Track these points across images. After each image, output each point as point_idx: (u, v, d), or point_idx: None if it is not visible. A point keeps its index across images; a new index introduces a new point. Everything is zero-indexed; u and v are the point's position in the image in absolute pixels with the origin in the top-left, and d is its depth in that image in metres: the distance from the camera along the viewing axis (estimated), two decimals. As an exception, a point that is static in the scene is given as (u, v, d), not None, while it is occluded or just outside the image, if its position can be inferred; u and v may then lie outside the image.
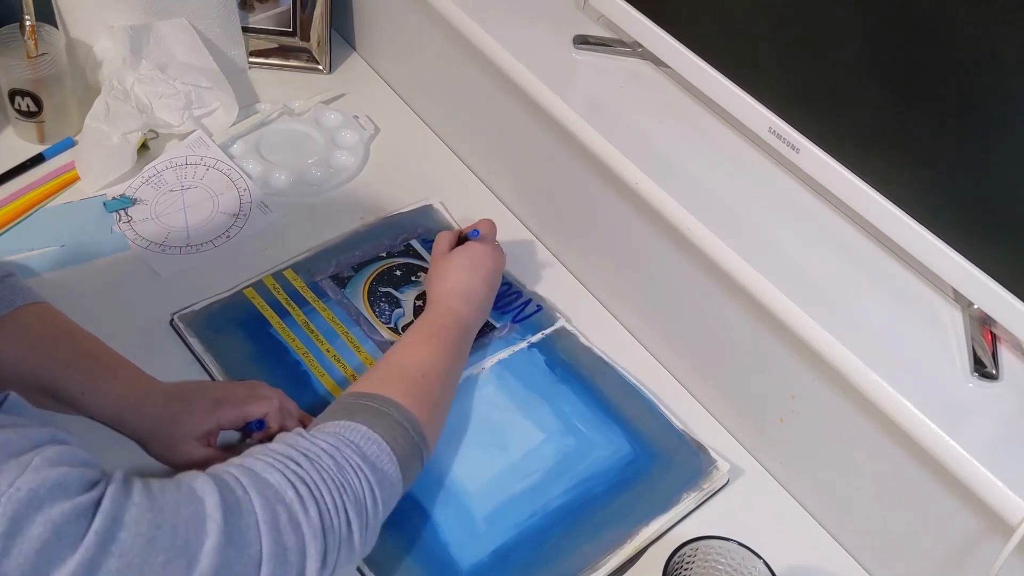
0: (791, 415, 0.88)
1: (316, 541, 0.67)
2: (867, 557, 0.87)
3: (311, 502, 0.67)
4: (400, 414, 0.77)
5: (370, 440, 0.74)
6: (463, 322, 0.91)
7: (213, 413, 0.83)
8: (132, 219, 1.07)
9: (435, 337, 0.88)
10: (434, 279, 0.95)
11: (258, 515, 0.65)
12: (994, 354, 0.77)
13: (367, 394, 0.79)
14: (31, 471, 0.57)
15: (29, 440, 0.59)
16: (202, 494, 0.64)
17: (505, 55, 0.98)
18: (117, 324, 0.95)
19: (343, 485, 0.70)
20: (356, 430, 0.74)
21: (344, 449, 0.72)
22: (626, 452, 0.91)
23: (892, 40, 0.73)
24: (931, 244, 0.74)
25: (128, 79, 1.12)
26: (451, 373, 0.88)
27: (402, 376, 0.82)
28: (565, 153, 1.00)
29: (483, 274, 0.95)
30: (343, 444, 0.72)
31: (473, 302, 0.93)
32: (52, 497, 0.57)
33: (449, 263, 0.95)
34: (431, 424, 0.81)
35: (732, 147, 0.92)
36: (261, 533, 0.65)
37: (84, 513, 0.58)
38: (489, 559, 0.83)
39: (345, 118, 1.21)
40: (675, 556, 0.74)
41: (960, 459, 0.71)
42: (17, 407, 0.62)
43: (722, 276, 0.86)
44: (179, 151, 1.13)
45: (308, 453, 0.70)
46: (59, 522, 0.57)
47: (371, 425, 0.75)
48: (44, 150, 1.12)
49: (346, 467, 0.71)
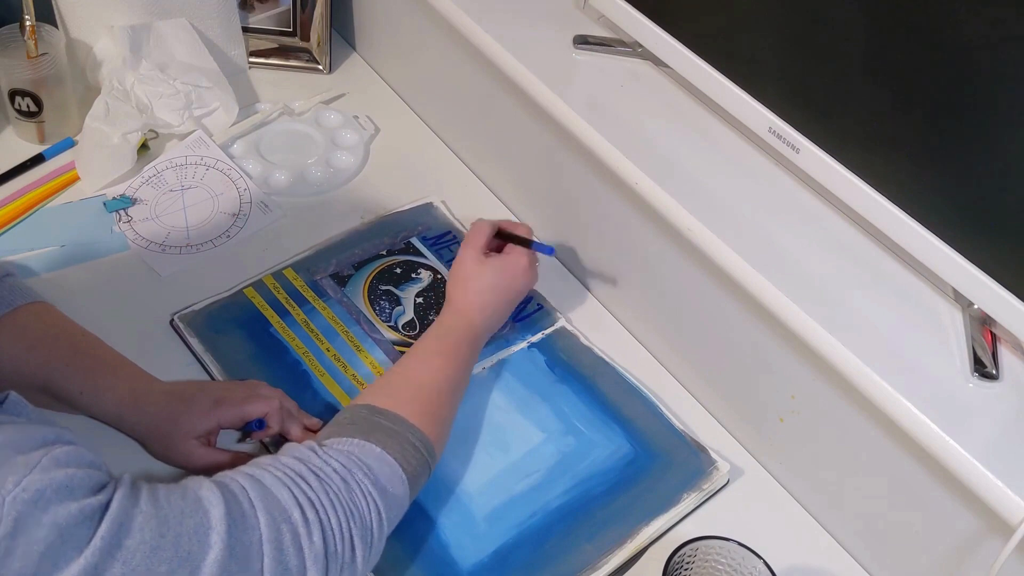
0: (791, 415, 0.88)
1: (317, 565, 0.67)
2: (867, 557, 0.87)
3: (316, 526, 0.67)
4: (414, 435, 0.77)
5: (383, 462, 0.73)
6: (479, 337, 0.92)
7: (213, 412, 0.82)
8: (132, 219, 1.07)
9: (451, 353, 0.88)
10: (461, 280, 0.93)
11: (263, 532, 0.65)
12: (994, 354, 0.77)
13: (381, 410, 0.78)
14: (39, 471, 0.56)
15: (35, 439, 0.59)
16: (208, 504, 0.64)
17: (505, 55, 0.98)
18: (117, 324, 0.95)
19: (351, 510, 0.69)
20: (370, 451, 0.73)
21: (356, 472, 0.71)
22: (626, 452, 0.91)
23: (892, 40, 0.73)
24: (931, 244, 0.74)
25: (128, 79, 1.12)
26: (461, 388, 0.88)
27: (418, 394, 0.82)
28: (565, 153, 1.00)
29: (511, 297, 0.94)
30: (355, 466, 0.72)
31: (492, 317, 0.93)
32: (59, 498, 0.56)
33: (483, 271, 0.93)
34: (440, 440, 0.81)
35: (732, 147, 0.92)
36: (264, 552, 0.64)
37: (91, 516, 0.58)
38: (489, 559, 0.83)
39: (345, 118, 1.21)
40: (675, 556, 0.74)
41: (960, 459, 0.71)
42: (17, 407, 0.62)
43: (722, 276, 0.86)
44: (179, 151, 1.13)
45: (319, 472, 0.70)
46: (65, 525, 0.56)
47: (385, 446, 0.74)
48: (44, 150, 1.12)
49: (356, 491, 0.70)
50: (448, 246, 1.07)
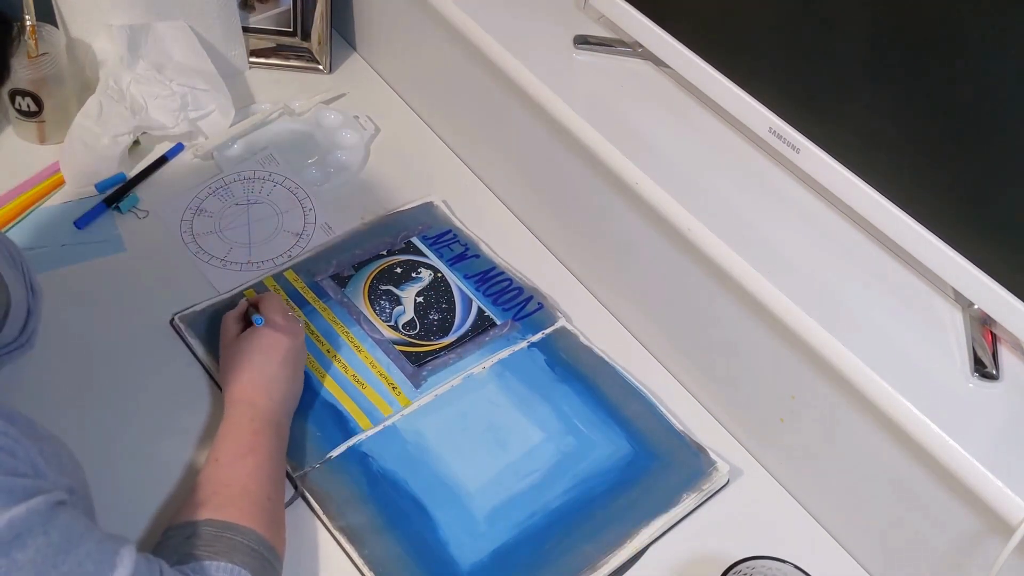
0: (791, 415, 0.88)
1: None
2: (867, 557, 0.87)
3: None
4: (268, 552, 0.75)
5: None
6: (273, 419, 0.85)
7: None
8: (148, 214, 1.07)
9: (255, 446, 0.82)
10: (227, 371, 0.88)
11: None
12: (994, 354, 0.77)
13: (231, 525, 0.75)
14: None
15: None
16: (118, 560, 0.63)
17: (505, 55, 0.98)
18: (117, 324, 0.95)
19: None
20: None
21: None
22: (626, 452, 0.91)
23: (892, 40, 0.73)
24: (931, 244, 0.74)
25: (124, 79, 1.11)
26: (282, 476, 0.84)
27: (253, 501, 0.78)
28: (565, 153, 1.00)
29: (278, 358, 0.87)
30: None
31: (276, 393, 0.86)
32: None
33: (238, 352, 0.88)
34: (283, 545, 0.80)
35: (732, 147, 0.92)
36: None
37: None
38: (489, 559, 0.83)
39: (345, 118, 1.21)
40: (729, 574, 0.74)
41: (960, 459, 0.71)
42: None
43: (722, 276, 0.86)
44: (248, 165, 1.13)
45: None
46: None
47: (252, 571, 0.73)
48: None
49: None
50: (448, 245, 1.07)
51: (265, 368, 0.87)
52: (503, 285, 1.03)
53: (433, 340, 0.99)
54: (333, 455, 0.88)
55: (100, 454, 0.83)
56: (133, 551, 0.64)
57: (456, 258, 1.06)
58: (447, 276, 1.04)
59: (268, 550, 0.76)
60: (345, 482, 0.86)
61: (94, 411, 0.90)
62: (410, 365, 0.96)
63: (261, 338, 0.88)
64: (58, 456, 0.66)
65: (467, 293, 1.03)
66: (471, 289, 1.03)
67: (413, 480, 0.87)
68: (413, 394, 0.94)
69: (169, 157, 1.14)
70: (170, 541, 0.74)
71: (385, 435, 0.90)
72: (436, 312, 1.01)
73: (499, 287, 1.04)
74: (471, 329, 1.00)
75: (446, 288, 1.03)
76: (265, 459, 0.82)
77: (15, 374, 0.88)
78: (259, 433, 0.83)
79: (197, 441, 0.89)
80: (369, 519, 0.84)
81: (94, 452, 0.75)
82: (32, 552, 0.57)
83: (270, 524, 0.78)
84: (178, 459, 0.87)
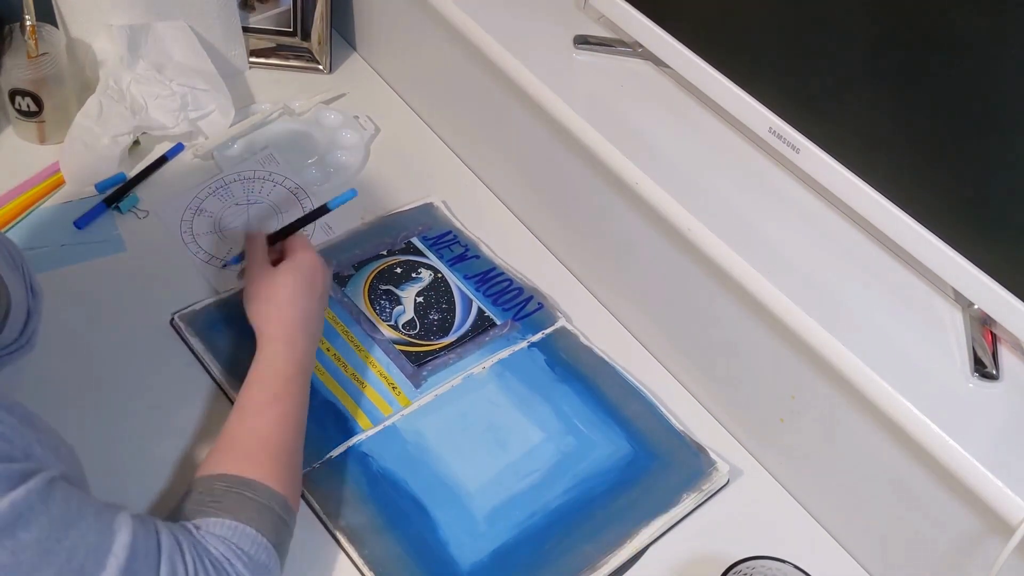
0: (791, 415, 0.88)
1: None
2: (867, 557, 0.87)
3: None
4: (280, 506, 0.74)
5: (259, 545, 0.72)
6: (305, 361, 0.83)
7: None
8: (148, 214, 1.07)
9: (284, 394, 0.80)
10: (260, 301, 0.84)
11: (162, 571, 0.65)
12: (994, 354, 0.77)
13: (245, 480, 0.74)
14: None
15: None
16: (116, 527, 0.63)
17: (505, 55, 0.99)
18: (117, 324, 0.95)
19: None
20: (245, 535, 0.71)
21: (236, 563, 0.70)
22: (626, 452, 0.91)
23: (892, 40, 0.73)
24: (931, 244, 0.74)
25: (124, 78, 1.11)
26: (303, 427, 0.82)
27: (271, 455, 0.77)
28: (565, 153, 1.01)
29: (317, 293, 0.85)
30: (235, 556, 0.70)
31: (311, 330, 0.83)
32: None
33: (277, 281, 0.83)
34: (297, 498, 0.79)
35: (732, 147, 0.92)
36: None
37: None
38: (489, 559, 0.83)
39: (345, 118, 1.21)
40: (729, 574, 0.74)
41: (960, 459, 0.71)
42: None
43: (722, 276, 0.86)
44: (249, 165, 1.13)
45: (202, 558, 0.69)
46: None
47: (258, 527, 0.72)
48: (329, 202, 1.02)
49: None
50: (448, 246, 1.07)
51: (307, 304, 0.83)
52: (503, 285, 1.03)
53: (433, 340, 0.99)
54: (333, 455, 0.88)
55: (100, 454, 0.83)
56: (128, 516, 0.65)
57: (456, 259, 1.06)
58: (447, 276, 1.04)
59: (281, 506, 0.75)
60: (345, 482, 0.86)
61: (94, 411, 0.90)
62: (410, 365, 0.96)
63: (303, 269, 0.84)
64: (56, 449, 0.67)
65: (467, 293, 1.03)
66: (471, 289, 1.03)
67: (413, 480, 0.87)
68: (413, 394, 0.94)
69: (169, 157, 1.14)
70: (187, 497, 0.74)
71: (385, 435, 0.90)
72: (436, 312, 1.01)
73: (499, 287, 1.04)
74: (471, 329, 1.00)
75: (446, 288, 1.03)
76: (291, 408, 0.80)
77: (15, 374, 0.88)
78: (291, 380, 0.81)
79: (197, 440, 0.89)
80: (369, 519, 0.84)
81: (94, 451, 0.75)
82: (36, 530, 0.58)
83: (285, 478, 0.77)
84: (178, 458, 0.87)
